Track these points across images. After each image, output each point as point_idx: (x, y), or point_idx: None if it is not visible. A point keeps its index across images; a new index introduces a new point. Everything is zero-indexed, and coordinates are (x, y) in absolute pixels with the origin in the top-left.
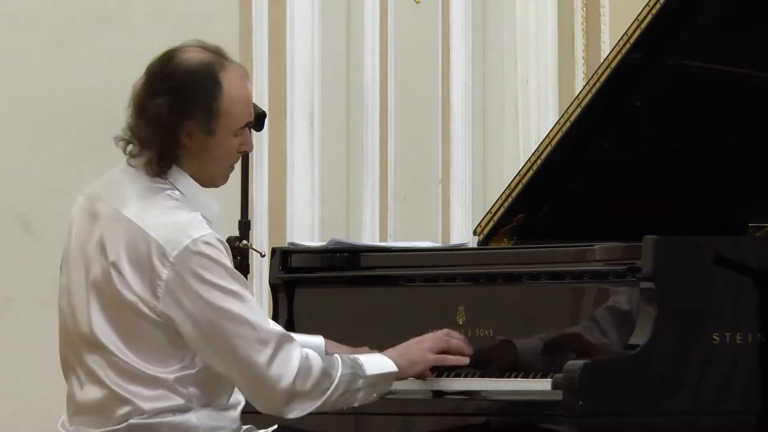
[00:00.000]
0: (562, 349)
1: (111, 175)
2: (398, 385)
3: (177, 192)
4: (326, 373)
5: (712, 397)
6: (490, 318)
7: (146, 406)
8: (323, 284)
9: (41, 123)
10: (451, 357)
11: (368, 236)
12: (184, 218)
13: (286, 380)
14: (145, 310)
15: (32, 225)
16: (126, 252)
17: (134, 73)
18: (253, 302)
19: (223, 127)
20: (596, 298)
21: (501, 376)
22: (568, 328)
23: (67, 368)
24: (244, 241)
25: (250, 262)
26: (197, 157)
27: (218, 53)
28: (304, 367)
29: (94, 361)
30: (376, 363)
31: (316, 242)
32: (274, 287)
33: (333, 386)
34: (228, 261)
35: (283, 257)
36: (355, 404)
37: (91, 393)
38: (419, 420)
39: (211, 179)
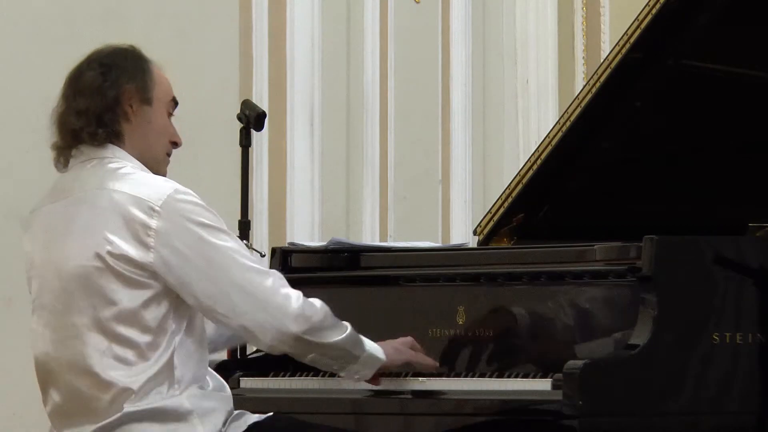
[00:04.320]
0: (562, 349)
1: (58, 180)
2: (398, 385)
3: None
4: (332, 317)
5: (712, 397)
6: (490, 318)
7: (133, 383)
8: (323, 284)
9: (41, 123)
10: (426, 360)
11: (368, 236)
12: (154, 177)
13: (296, 302)
14: (135, 274)
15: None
16: (110, 219)
17: None
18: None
19: (158, 98)
20: (596, 298)
21: (501, 376)
22: (568, 328)
23: (47, 381)
24: (244, 241)
25: None
26: (140, 132)
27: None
28: (307, 300)
29: (76, 355)
30: (373, 346)
31: (316, 242)
32: None
33: (343, 336)
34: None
35: (283, 257)
36: (343, 373)
37: (76, 393)
38: (419, 420)
39: (154, 164)
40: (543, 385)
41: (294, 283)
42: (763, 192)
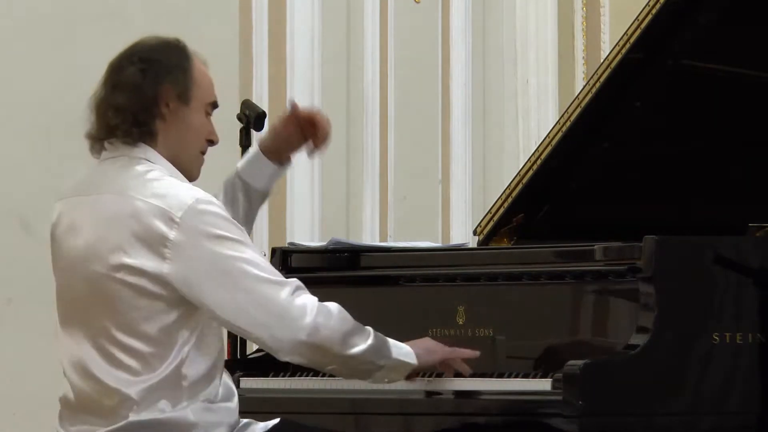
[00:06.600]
0: (562, 349)
1: (88, 173)
2: (398, 385)
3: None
4: (353, 325)
5: (712, 397)
6: (490, 318)
7: (135, 393)
8: (323, 284)
9: (41, 123)
10: (460, 360)
11: (368, 236)
12: (179, 185)
13: (310, 314)
14: (149, 284)
15: (32, 225)
16: (128, 227)
17: None
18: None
19: (197, 97)
20: (596, 298)
21: (501, 376)
22: (568, 327)
23: (65, 372)
24: None
25: None
26: (175, 132)
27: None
28: (325, 309)
29: (86, 354)
30: (401, 349)
31: (316, 242)
32: None
33: (364, 347)
34: (230, 215)
35: (283, 257)
36: (369, 380)
37: (83, 392)
38: (419, 420)
39: (187, 164)
40: (543, 385)
41: None
42: (763, 192)
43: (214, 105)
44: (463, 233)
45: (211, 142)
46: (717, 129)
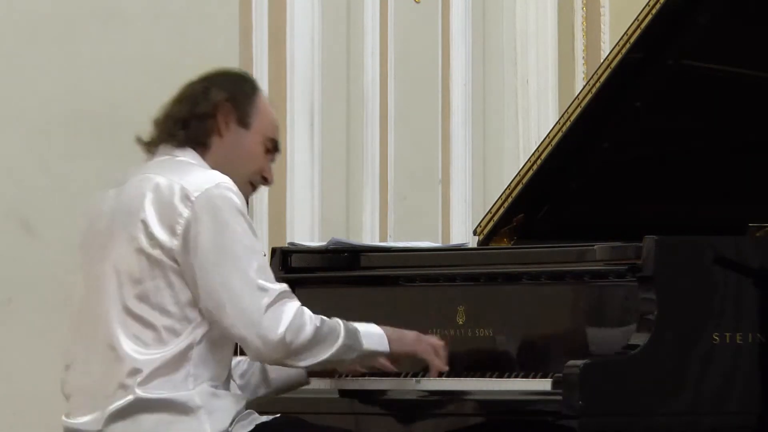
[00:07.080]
0: (562, 349)
1: (134, 168)
2: (398, 386)
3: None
4: (323, 335)
5: (712, 397)
6: (490, 318)
7: (145, 365)
8: (323, 284)
9: (41, 123)
10: (436, 359)
11: (368, 236)
12: (207, 170)
13: (281, 328)
14: (164, 257)
15: (32, 225)
16: (152, 203)
17: (134, 72)
18: (262, 254)
19: (257, 126)
20: (596, 298)
21: (501, 376)
22: (568, 328)
23: (74, 353)
24: None
25: None
26: (228, 150)
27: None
28: (297, 323)
29: (101, 330)
30: (374, 340)
31: (316, 242)
32: None
33: (330, 353)
34: (246, 211)
35: (283, 257)
36: (338, 369)
37: (97, 371)
38: (419, 420)
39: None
40: (543, 385)
41: (294, 284)
42: (763, 192)
43: (275, 145)
44: (463, 233)
45: (265, 180)
46: (717, 129)
